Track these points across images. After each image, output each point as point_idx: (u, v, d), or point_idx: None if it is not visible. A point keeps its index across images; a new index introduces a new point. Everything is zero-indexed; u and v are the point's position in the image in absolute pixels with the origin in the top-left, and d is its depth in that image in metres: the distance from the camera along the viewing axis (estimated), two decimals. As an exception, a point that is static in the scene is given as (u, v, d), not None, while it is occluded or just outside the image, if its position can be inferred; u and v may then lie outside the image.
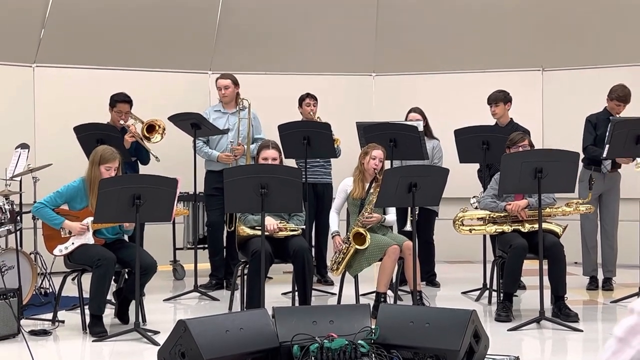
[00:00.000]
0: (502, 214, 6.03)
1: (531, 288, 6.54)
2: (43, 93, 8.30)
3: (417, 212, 6.46)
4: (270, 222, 5.71)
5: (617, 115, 6.90)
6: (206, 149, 7.15)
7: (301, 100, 7.52)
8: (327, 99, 7.63)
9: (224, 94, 7.16)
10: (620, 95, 6.91)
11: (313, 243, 7.53)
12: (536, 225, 5.73)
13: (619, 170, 7.02)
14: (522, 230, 5.94)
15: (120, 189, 5.17)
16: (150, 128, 6.97)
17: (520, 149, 5.96)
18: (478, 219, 6.14)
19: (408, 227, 6.43)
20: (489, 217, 6.07)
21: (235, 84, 7.20)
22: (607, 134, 6.44)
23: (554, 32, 8.75)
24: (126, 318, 5.69)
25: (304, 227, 6.02)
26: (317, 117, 7.37)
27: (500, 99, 7.07)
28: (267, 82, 8.82)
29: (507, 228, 6.00)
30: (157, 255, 5.72)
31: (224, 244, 7.30)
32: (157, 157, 6.91)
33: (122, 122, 6.94)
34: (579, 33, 8.69)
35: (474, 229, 6.12)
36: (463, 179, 7.22)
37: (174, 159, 7.49)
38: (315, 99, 7.50)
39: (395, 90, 9.06)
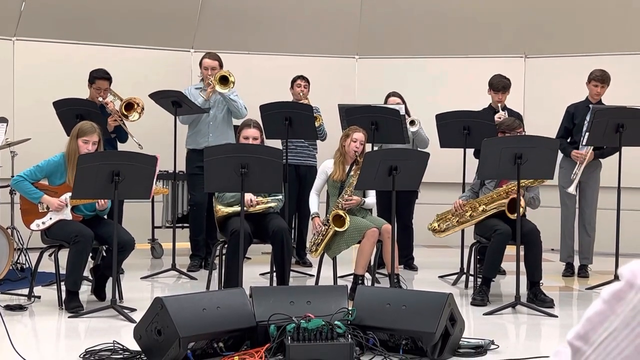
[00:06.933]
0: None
1: (509, 274, 6.58)
2: (23, 67, 8.22)
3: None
4: (248, 196, 5.66)
5: (597, 98, 6.90)
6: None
7: (293, 81, 7.50)
8: (309, 80, 7.60)
9: (210, 75, 7.05)
10: (597, 75, 6.88)
11: (295, 224, 7.52)
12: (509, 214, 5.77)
13: (599, 159, 7.05)
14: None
15: (99, 165, 5.14)
16: (129, 106, 6.85)
17: None
18: (452, 215, 6.19)
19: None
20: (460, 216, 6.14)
21: (221, 65, 7.10)
22: (587, 121, 6.46)
23: (537, 20, 8.76)
24: (103, 295, 5.67)
25: (281, 199, 5.96)
26: (306, 99, 7.34)
27: (509, 87, 7.10)
28: (249, 62, 8.77)
29: (480, 218, 6.04)
30: (135, 233, 5.69)
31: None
32: (140, 144, 6.78)
33: (100, 99, 6.85)
34: (562, 20, 8.70)
35: (453, 228, 6.19)
36: (444, 163, 7.22)
37: (154, 136, 7.44)
38: (306, 80, 7.46)
39: (378, 73, 9.04)
